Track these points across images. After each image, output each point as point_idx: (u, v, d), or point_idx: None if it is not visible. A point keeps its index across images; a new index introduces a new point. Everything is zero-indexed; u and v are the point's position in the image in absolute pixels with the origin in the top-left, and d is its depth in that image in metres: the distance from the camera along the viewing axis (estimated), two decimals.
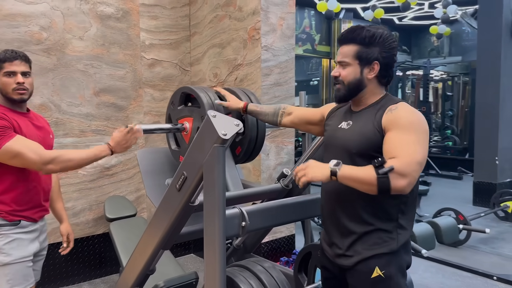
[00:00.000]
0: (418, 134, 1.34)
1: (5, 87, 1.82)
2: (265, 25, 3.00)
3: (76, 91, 3.17)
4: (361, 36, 1.46)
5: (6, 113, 1.77)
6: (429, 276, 3.37)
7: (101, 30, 3.27)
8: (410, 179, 1.27)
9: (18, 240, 1.83)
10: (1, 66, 1.83)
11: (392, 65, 1.49)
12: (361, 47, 1.45)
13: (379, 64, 1.45)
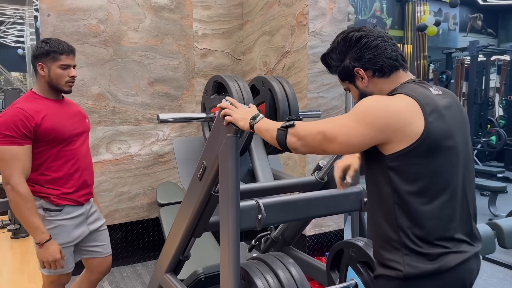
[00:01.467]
0: (347, 114, 1.19)
1: (59, 79, 1.87)
2: (313, 9, 2.88)
3: (131, 81, 3.31)
4: (326, 62, 1.36)
5: (36, 108, 1.81)
6: (495, 282, 3.06)
7: (155, 21, 3.37)
8: (303, 142, 1.23)
9: (61, 226, 1.90)
10: (58, 58, 1.86)
11: (373, 57, 1.24)
12: (336, 69, 1.32)
13: (360, 68, 1.26)
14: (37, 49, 1.84)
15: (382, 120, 1.12)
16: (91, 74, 3.14)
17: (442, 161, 1.16)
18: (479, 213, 5.05)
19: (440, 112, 1.17)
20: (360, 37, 1.26)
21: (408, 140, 1.12)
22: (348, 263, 1.87)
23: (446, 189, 1.17)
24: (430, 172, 1.15)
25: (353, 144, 1.15)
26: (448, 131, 1.17)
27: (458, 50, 8.63)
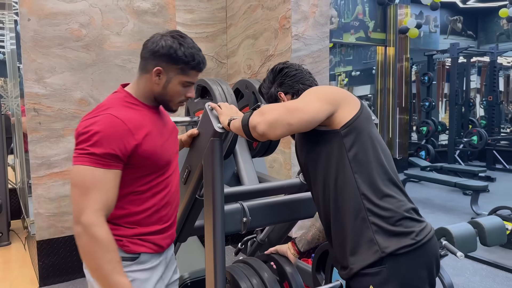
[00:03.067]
0: (307, 95, 1.33)
1: (175, 96, 1.35)
2: (295, 13, 2.90)
3: (114, 85, 3.25)
4: (261, 91, 1.61)
5: (137, 121, 1.28)
6: (477, 280, 3.11)
7: (138, 25, 3.35)
8: (265, 117, 1.27)
9: (136, 281, 1.30)
10: (187, 72, 1.32)
11: (291, 83, 1.50)
12: (266, 96, 1.57)
13: (282, 92, 1.51)
14: (163, 46, 1.27)
15: (332, 93, 1.34)
16: (73, 79, 3.11)
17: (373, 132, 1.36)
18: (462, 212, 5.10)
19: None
20: (282, 68, 1.54)
21: (354, 108, 1.33)
22: (333, 264, 1.88)
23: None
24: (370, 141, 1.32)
25: (314, 110, 1.26)
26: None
27: (439, 52, 8.78)
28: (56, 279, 3.12)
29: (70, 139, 3.12)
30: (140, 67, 1.33)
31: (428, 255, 1.28)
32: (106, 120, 1.21)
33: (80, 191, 1.17)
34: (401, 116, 8.22)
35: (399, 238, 1.23)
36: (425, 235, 1.27)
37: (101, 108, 1.27)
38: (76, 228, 1.17)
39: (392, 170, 1.33)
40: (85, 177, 1.17)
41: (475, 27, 10.77)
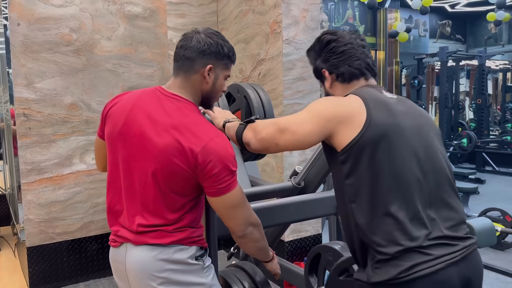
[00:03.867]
0: (306, 112, 1.26)
1: (219, 92, 1.40)
2: (286, 17, 2.92)
3: (105, 90, 3.27)
4: (309, 59, 1.44)
5: None
6: None
7: (129, 29, 3.34)
8: (257, 135, 1.30)
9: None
10: (229, 66, 1.39)
11: (337, 63, 1.31)
12: (312, 66, 1.41)
13: (326, 70, 1.34)
14: (211, 44, 1.30)
15: (329, 111, 1.21)
16: (63, 83, 3.09)
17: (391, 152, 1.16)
18: None
19: (386, 106, 1.20)
20: (330, 41, 1.32)
21: (355, 129, 1.16)
22: (326, 267, 1.89)
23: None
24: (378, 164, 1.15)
25: (304, 133, 1.21)
26: (395, 124, 1.18)
27: (429, 55, 8.88)
28: (46, 286, 3.09)
29: (60, 144, 3.10)
30: (185, 69, 1.31)
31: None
32: (226, 141, 1.28)
33: (244, 205, 1.31)
34: None
35: (388, 269, 1.11)
36: (421, 268, 1.10)
37: (208, 127, 1.27)
38: (248, 229, 1.31)
39: (417, 202, 1.15)
40: (241, 195, 1.30)
41: (464, 31, 10.91)
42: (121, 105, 1.36)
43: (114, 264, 1.40)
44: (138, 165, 1.26)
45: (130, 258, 1.27)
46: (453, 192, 1.23)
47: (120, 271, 1.35)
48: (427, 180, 1.18)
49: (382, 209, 1.13)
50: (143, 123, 1.26)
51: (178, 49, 1.32)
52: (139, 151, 1.26)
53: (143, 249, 1.26)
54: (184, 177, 1.23)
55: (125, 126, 1.29)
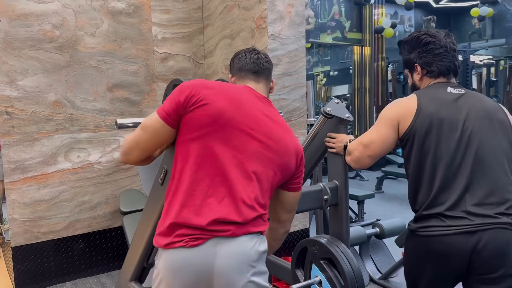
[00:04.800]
0: (377, 121, 1.62)
1: None
2: (271, 13, 2.91)
3: (89, 87, 3.23)
4: (401, 47, 1.72)
5: None
6: None
7: (113, 26, 3.31)
8: (352, 156, 1.68)
9: None
10: None
11: (431, 61, 1.59)
12: (404, 56, 1.69)
13: (419, 65, 1.62)
14: (270, 62, 1.62)
15: (391, 112, 1.57)
16: (47, 81, 3.05)
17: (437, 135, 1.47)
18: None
19: (439, 101, 1.50)
20: (429, 42, 1.59)
21: (409, 121, 1.50)
22: (312, 260, 1.90)
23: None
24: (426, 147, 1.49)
25: (381, 138, 1.56)
26: (438, 112, 1.48)
27: None
28: (32, 285, 3.05)
29: (44, 142, 3.06)
30: (265, 77, 1.52)
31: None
32: None
33: None
34: (378, 115, 8.35)
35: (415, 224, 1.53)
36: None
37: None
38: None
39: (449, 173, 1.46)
40: None
41: (448, 27, 11.02)
42: (223, 95, 1.31)
43: (188, 268, 1.23)
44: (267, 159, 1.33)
45: (233, 250, 1.24)
46: (502, 175, 1.46)
47: (199, 272, 1.23)
48: (465, 164, 1.44)
49: (422, 184, 1.49)
50: (265, 119, 1.35)
51: (255, 59, 1.51)
52: (264, 147, 1.32)
53: (245, 239, 1.27)
54: (288, 174, 1.41)
55: (245, 118, 1.30)
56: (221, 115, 1.26)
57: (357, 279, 1.75)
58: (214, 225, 1.22)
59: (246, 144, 1.29)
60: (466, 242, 1.39)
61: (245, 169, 1.27)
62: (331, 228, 1.99)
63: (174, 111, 1.27)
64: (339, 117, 1.83)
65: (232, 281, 1.24)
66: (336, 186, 1.91)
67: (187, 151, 1.27)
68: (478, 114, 1.49)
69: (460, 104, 1.50)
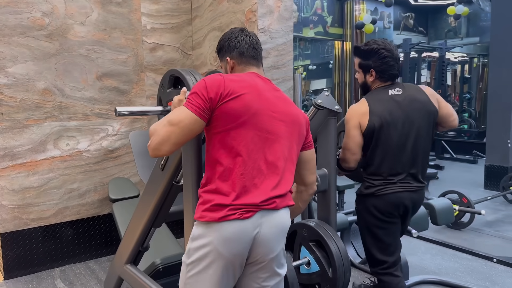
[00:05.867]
0: (346, 128, 2.11)
1: None
2: (261, 7, 3.00)
3: (79, 76, 3.25)
4: (359, 53, 2.13)
5: None
6: (428, 258, 3.38)
7: (103, 15, 3.33)
8: (342, 161, 2.14)
9: None
10: None
11: (384, 69, 2.06)
12: (362, 60, 2.12)
13: (374, 70, 2.08)
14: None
15: (353, 118, 2.06)
16: (36, 68, 3.05)
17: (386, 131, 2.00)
18: None
19: (382, 101, 2.03)
20: (386, 56, 2.04)
21: (367, 119, 2.01)
22: (301, 242, 2.02)
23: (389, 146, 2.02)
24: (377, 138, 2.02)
25: (355, 138, 2.04)
26: (388, 112, 2.01)
27: None
28: (21, 271, 3.08)
29: (34, 130, 3.07)
30: (261, 59, 1.65)
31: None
32: None
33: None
34: None
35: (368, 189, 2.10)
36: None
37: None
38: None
39: None
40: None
41: (426, 24, 11.32)
42: (246, 86, 1.45)
43: (240, 236, 1.39)
44: (285, 139, 1.49)
45: (274, 221, 1.45)
46: (425, 159, 2.11)
47: (248, 240, 1.40)
48: (405, 151, 2.01)
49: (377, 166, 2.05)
50: (276, 101, 1.50)
51: (254, 45, 1.61)
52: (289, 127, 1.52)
53: (284, 212, 1.49)
54: (303, 140, 1.60)
55: (266, 104, 1.46)
56: (250, 105, 1.41)
57: (344, 259, 1.88)
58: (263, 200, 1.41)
59: (274, 126, 1.46)
60: (410, 196, 2.04)
61: (279, 149, 1.46)
62: (319, 213, 2.12)
63: (208, 107, 1.39)
64: (329, 109, 1.95)
65: (271, 249, 1.44)
66: (326, 174, 2.03)
67: (228, 140, 1.40)
68: (413, 107, 2.01)
69: (400, 102, 2.01)
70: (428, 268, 3.18)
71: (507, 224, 4.27)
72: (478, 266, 3.21)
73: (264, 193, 1.40)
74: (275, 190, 1.43)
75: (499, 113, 5.66)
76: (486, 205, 4.70)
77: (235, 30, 1.64)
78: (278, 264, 1.49)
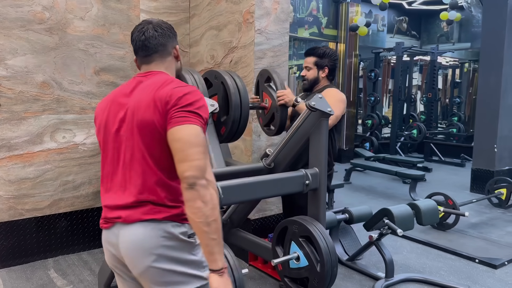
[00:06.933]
0: (341, 102, 2.63)
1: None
2: (259, 8, 3.07)
3: (77, 70, 3.30)
4: (318, 53, 2.73)
5: None
6: (413, 257, 3.49)
7: (102, 10, 3.38)
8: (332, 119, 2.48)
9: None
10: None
11: (334, 68, 2.76)
12: (319, 58, 2.73)
13: (328, 68, 2.72)
14: (170, 28, 1.46)
15: (344, 97, 2.76)
16: (35, 61, 3.10)
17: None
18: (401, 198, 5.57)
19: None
20: (337, 60, 2.79)
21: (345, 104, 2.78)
22: (292, 238, 2.11)
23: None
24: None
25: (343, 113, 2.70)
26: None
27: (386, 50, 9.31)
28: (15, 261, 3.13)
29: (31, 122, 3.12)
30: (160, 54, 1.42)
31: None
32: (196, 90, 1.32)
33: (202, 148, 1.22)
34: (348, 110, 8.67)
35: None
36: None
37: (175, 81, 1.34)
38: (201, 181, 1.19)
39: None
40: (202, 137, 1.24)
41: (419, 28, 11.47)
42: (106, 104, 1.46)
43: (107, 245, 1.38)
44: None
45: (124, 237, 1.29)
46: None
47: (114, 250, 1.34)
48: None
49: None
50: (122, 98, 1.39)
51: (143, 41, 1.40)
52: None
53: (138, 226, 1.27)
54: (153, 125, 1.29)
55: (116, 111, 1.38)
56: (99, 128, 1.42)
57: (332, 255, 1.98)
58: (111, 211, 1.33)
59: (119, 134, 1.35)
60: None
61: (122, 158, 1.33)
62: (310, 210, 2.21)
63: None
64: (322, 111, 2.03)
65: (134, 265, 1.30)
66: (317, 173, 2.12)
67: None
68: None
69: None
70: (413, 266, 3.29)
71: (491, 226, 4.40)
72: (461, 266, 3.33)
73: (107, 203, 1.36)
74: (118, 200, 1.32)
75: (486, 118, 5.79)
76: (471, 208, 4.82)
77: (137, 25, 1.46)
78: (155, 282, 1.28)
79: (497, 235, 4.10)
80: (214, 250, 1.19)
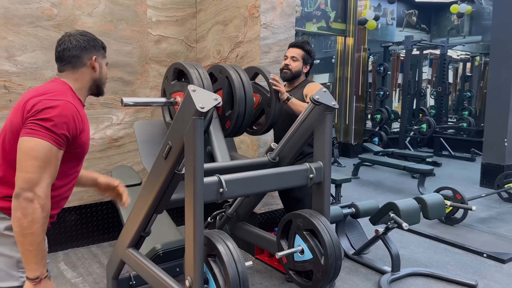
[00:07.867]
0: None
1: (106, 77, 1.65)
2: (264, 3, 3.07)
3: None
4: (306, 49, 2.81)
5: (82, 111, 1.51)
6: (420, 251, 3.48)
7: (109, 7, 3.41)
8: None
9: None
10: (105, 55, 1.65)
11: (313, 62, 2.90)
12: (306, 54, 2.81)
13: (309, 65, 2.85)
14: (88, 40, 1.55)
15: None
16: (44, 57, 3.14)
17: None
18: (409, 193, 5.56)
19: None
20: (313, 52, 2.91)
21: None
22: (296, 231, 2.12)
23: None
24: None
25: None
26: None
27: (395, 44, 9.24)
28: None
29: None
30: (72, 65, 1.51)
31: None
32: (65, 105, 1.36)
33: (39, 163, 1.29)
34: (357, 104, 8.63)
35: None
36: None
37: (59, 95, 1.39)
38: (25, 195, 1.26)
39: None
40: (45, 152, 1.30)
41: (429, 21, 11.34)
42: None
43: None
44: None
45: None
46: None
47: None
48: None
49: None
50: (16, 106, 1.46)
51: (59, 52, 1.53)
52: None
53: None
54: (16, 127, 1.38)
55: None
56: None
57: (336, 248, 1.98)
58: None
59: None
60: None
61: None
62: (314, 204, 2.21)
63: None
64: (326, 104, 2.03)
65: None
66: (321, 167, 2.13)
67: None
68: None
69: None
70: (420, 261, 3.29)
71: (500, 221, 4.36)
72: (469, 260, 3.31)
73: None
74: None
75: (497, 112, 5.73)
76: (481, 202, 4.79)
77: (61, 36, 1.58)
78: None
79: (506, 230, 4.07)
80: (29, 260, 1.28)
